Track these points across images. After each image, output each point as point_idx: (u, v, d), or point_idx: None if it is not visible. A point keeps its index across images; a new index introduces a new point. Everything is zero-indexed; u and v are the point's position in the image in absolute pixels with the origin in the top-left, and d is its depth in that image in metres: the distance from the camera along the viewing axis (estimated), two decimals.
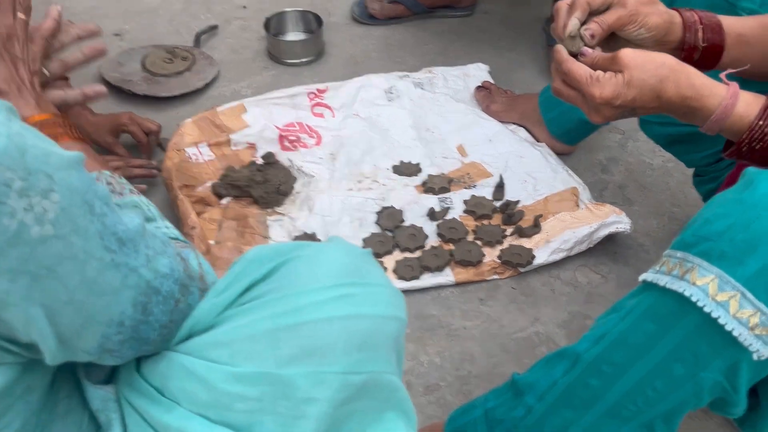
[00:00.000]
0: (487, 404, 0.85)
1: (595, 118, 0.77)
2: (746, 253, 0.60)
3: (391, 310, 0.61)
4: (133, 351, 0.57)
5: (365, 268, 0.62)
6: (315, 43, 1.74)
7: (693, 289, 0.62)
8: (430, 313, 1.19)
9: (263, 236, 1.27)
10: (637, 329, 0.69)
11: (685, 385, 0.67)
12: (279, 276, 0.59)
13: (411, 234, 1.27)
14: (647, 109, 0.74)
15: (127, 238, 0.52)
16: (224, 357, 0.56)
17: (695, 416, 1.03)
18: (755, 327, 0.60)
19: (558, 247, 1.24)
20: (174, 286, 0.57)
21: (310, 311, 0.56)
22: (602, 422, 0.74)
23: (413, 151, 1.45)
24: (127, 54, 1.70)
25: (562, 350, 0.78)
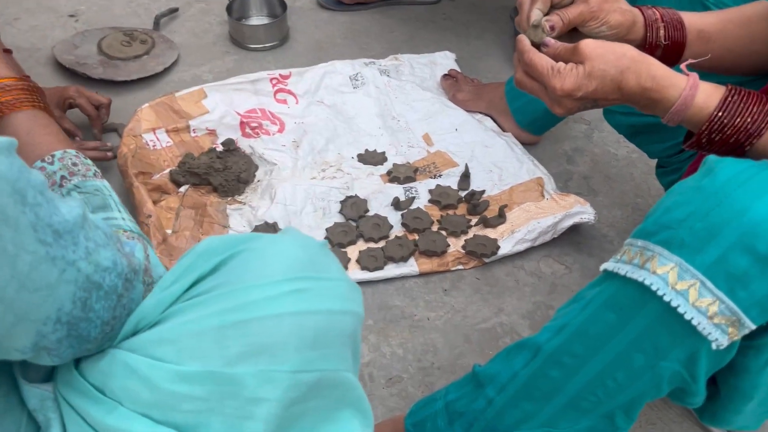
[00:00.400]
0: (448, 396, 0.84)
1: (557, 110, 0.75)
2: (705, 241, 0.59)
3: (347, 304, 0.59)
4: (73, 350, 0.53)
5: (320, 261, 0.59)
6: (279, 28, 1.70)
7: (653, 278, 0.61)
8: (393, 303, 1.17)
9: (222, 225, 1.24)
10: (598, 319, 0.68)
11: (644, 375, 0.67)
12: (228, 269, 0.56)
13: (375, 224, 1.25)
14: (609, 101, 0.74)
15: (64, 229, 0.49)
16: (169, 355, 0.53)
17: (655, 406, 1.04)
18: (714, 316, 0.59)
19: (522, 237, 1.23)
20: (117, 281, 0.54)
21: (259, 307, 0.54)
22: (562, 414, 0.73)
23: (379, 140, 1.43)
24: (83, 36, 1.64)
25: (523, 341, 0.78)
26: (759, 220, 0.57)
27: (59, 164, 0.68)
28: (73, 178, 0.67)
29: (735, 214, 0.58)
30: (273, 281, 0.55)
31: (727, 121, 0.67)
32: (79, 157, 0.70)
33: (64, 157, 0.68)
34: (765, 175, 0.60)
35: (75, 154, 0.69)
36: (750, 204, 0.58)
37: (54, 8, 1.79)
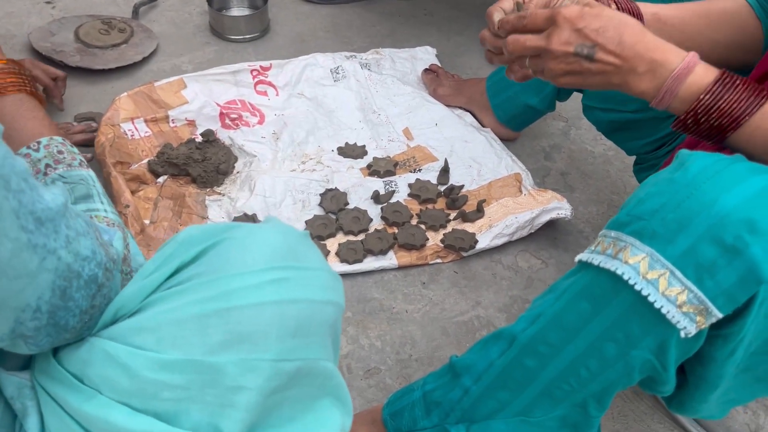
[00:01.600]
0: (426, 387, 0.84)
1: (548, 64, 0.74)
2: (676, 232, 0.60)
3: (328, 294, 0.59)
4: (51, 338, 0.53)
5: (301, 250, 0.59)
6: (260, 19, 1.69)
7: (625, 268, 0.62)
8: (372, 296, 1.18)
9: (201, 216, 1.23)
10: (572, 309, 0.69)
11: (616, 364, 0.68)
12: (209, 258, 0.56)
13: (355, 217, 1.25)
14: (604, 62, 0.72)
15: (46, 217, 0.49)
16: (149, 343, 0.53)
17: (627, 398, 1.06)
18: (683, 305, 0.60)
19: (500, 232, 1.25)
20: (97, 270, 0.54)
21: (240, 296, 0.54)
22: (536, 403, 0.74)
23: (359, 133, 1.43)
24: (59, 23, 1.61)
25: (499, 331, 0.78)
26: (726, 212, 0.58)
27: (45, 152, 0.67)
28: (59, 166, 0.67)
29: (704, 206, 0.59)
30: (254, 270, 0.55)
31: (716, 102, 0.69)
32: (65, 144, 0.69)
33: (50, 145, 0.68)
34: (734, 169, 0.61)
35: (61, 141, 0.68)
36: (718, 196, 0.59)
37: None
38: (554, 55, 0.73)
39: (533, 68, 0.78)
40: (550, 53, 0.73)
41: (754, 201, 0.58)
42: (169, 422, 0.52)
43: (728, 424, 1.04)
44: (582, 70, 0.74)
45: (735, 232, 0.58)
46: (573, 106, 1.49)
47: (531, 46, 0.75)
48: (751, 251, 0.57)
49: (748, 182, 0.59)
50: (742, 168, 0.61)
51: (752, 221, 0.57)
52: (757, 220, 0.57)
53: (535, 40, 0.75)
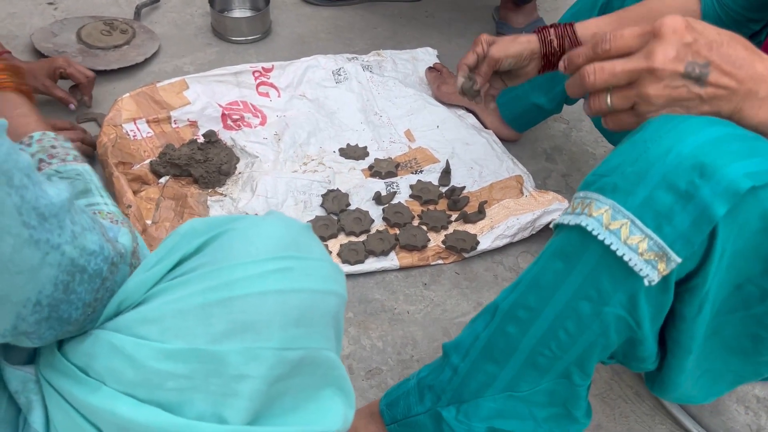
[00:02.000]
0: (420, 374, 0.85)
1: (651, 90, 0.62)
2: (635, 183, 0.62)
3: (330, 284, 0.59)
4: (54, 331, 0.53)
5: (303, 241, 0.59)
6: (262, 21, 1.69)
7: (589, 221, 0.64)
8: (373, 297, 1.18)
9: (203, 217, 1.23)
10: (547, 269, 0.71)
11: (592, 324, 0.69)
12: (211, 249, 0.56)
13: (356, 218, 1.25)
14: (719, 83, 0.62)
15: (50, 213, 0.48)
16: (153, 333, 0.53)
17: (628, 398, 1.06)
18: (644, 252, 0.62)
19: (502, 233, 1.25)
20: (102, 265, 0.53)
21: (243, 285, 0.54)
22: (522, 374, 0.75)
23: (360, 135, 1.44)
24: (61, 24, 1.62)
25: (485, 306, 0.80)
26: (680, 159, 0.60)
27: (37, 146, 0.67)
28: (53, 161, 0.66)
29: (660, 155, 0.61)
30: (256, 260, 0.55)
31: None
32: (58, 139, 0.68)
33: (42, 139, 0.67)
34: (689, 122, 0.62)
35: (53, 136, 0.68)
36: (674, 144, 0.60)
37: None
38: (659, 77, 0.61)
39: (619, 104, 0.65)
40: (654, 74, 0.61)
41: (704, 147, 0.59)
42: (173, 412, 0.52)
43: (729, 425, 1.04)
44: (689, 97, 0.62)
45: (687, 178, 0.59)
46: (574, 108, 1.50)
47: (625, 69, 0.62)
48: (701, 193, 0.58)
49: (702, 132, 0.60)
50: (697, 120, 0.62)
51: (702, 165, 0.58)
52: (707, 163, 0.58)
53: (629, 62, 0.62)
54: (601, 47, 0.63)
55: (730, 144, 0.60)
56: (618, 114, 0.66)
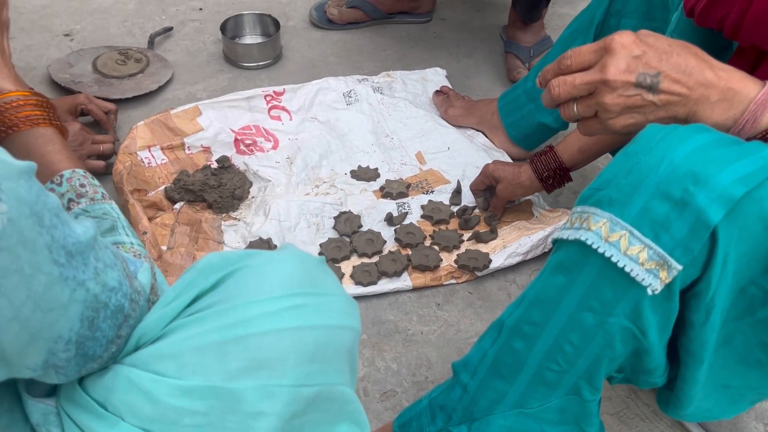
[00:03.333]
0: (432, 395, 0.86)
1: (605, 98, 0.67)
2: (630, 195, 0.63)
3: (345, 319, 0.60)
4: (79, 368, 0.54)
5: (318, 276, 0.61)
6: (272, 46, 1.72)
7: (588, 234, 0.65)
8: (387, 318, 1.18)
9: (217, 242, 1.25)
10: (549, 284, 0.71)
11: (596, 335, 0.69)
12: (227, 286, 0.57)
13: (369, 239, 1.26)
14: (671, 90, 0.66)
15: (76, 250, 0.50)
16: (171, 370, 0.54)
17: (646, 417, 1.05)
18: (645, 262, 0.63)
19: (514, 251, 1.25)
20: (123, 300, 0.55)
21: (258, 323, 0.55)
22: (531, 391, 0.75)
23: (371, 156, 1.45)
24: (78, 55, 1.65)
25: (491, 323, 0.80)
26: (672, 168, 0.61)
27: (67, 185, 0.69)
28: (81, 200, 0.68)
29: (653, 166, 0.62)
30: (272, 297, 0.56)
31: None
32: (87, 177, 0.70)
33: (72, 178, 0.69)
34: (678, 131, 0.63)
35: (83, 174, 0.70)
36: (665, 154, 0.62)
37: (49, 27, 1.81)
38: (612, 87, 0.66)
39: (584, 112, 0.70)
40: (608, 85, 0.66)
41: (694, 155, 0.61)
42: None
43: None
44: (644, 104, 0.67)
45: (681, 186, 0.61)
46: None
47: (583, 82, 0.68)
48: (696, 200, 0.60)
49: (690, 140, 0.62)
50: (685, 130, 0.64)
51: (695, 173, 0.60)
52: (699, 171, 0.60)
53: (586, 75, 0.68)
54: (564, 63, 0.69)
55: (718, 149, 0.62)
56: (586, 121, 0.72)
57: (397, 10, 1.86)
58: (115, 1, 1.92)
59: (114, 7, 1.90)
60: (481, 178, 1.29)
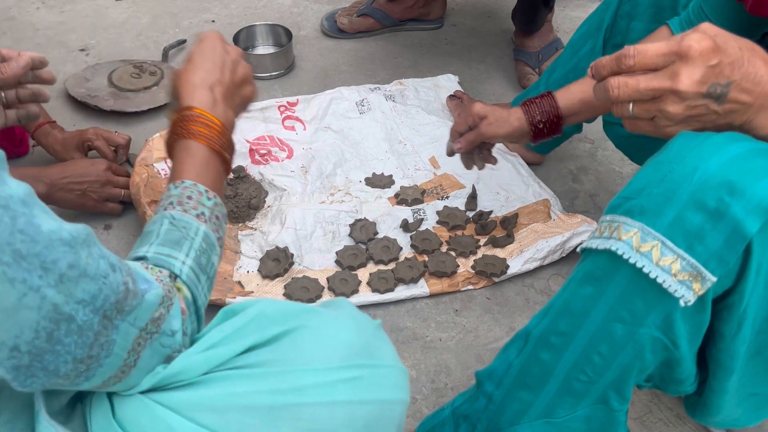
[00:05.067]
0: (454, 404, 0.86)
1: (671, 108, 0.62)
2: (662, 205, 0.62)
3: (398, 393, 0.60)
4: (40, 381, 0.50)
5: (375, 345, 0.60)
6: (285, 56, 1.73)
7: (619, 244, 0.64)
8: (405, 325, 1.18)
9: (234, 251, 1.25)
10: (577, 295, 0.70)
11: (626, 345, 0.68)
12: (282, 345, 0.57)
13: (385, 246, 1.26)
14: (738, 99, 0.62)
15: (28, 252, 0.45)
16: (214, 424, 0.53)
17: (669, 422, 1.04)
18: (677, 273, 0.62)
19: (531, 256, 1.24)
20: (92, 316, 0.50)
21: (313, 393, 0.54)
22: (558, 401, 0.74)
23: (385, 164, 1.45)
24: (93, 69, 1.67)
25: (516, 333, 0.79)
26: (707, 178, 0.60)
27: (179, 191, 0.67)
28: (178, 207, 0.66)
29: (686, 175, 0.61)
30: (329, 367, 0.55)
31: None
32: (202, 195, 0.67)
33: (188, 187, 0.67)
34: (712, 140, 0.62)
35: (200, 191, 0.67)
36: (699, 164, 0.61)
37: (65, 43, 1.83)
38: (683, 98, 0.61)
39: (641, 114, 0.65)
40: (678, 95, 0.61)
41: (730, 165, 0.60)
42: None
43: None
44: (707, 113, 0.63)
45: (716, 196, 0.59)
46: (598, 127, 1.49)
47: (649, 87, 0.62)
48: (732, 211, 0.59)
49: (725, 150, 0.61)
50: (719, 138, 0.62)
51: (731, 183, 0.59)
52: (735, 181, 0.59)
53: (654, 80, 0.62)
54: (625, 63, 0.63)
55: (754, 160, 0.60)
56: (637, 120, 0.67)
57: (407, 17, 1.86)
58: (130, 16, 1.94)
59: (128, 22, 1.92)
60: (464, 117, 1.15)
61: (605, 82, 0.65)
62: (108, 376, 0.53)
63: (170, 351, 0.57)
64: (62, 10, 1.96)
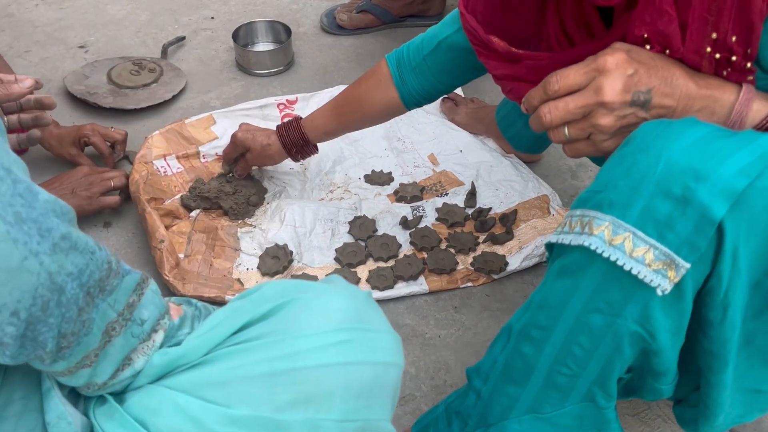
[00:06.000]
0: (448, 400, 0.86)
1: (602, 121, 0.66)
2: (630, 196, 0.62)
3: (391, 356, 0.61)
4: (27, 352, 0.50)
5: (366, 312, 0.61)
6: (284, 53, 1.73)
7: (591, 239, 0.64)
8: (404, 322, 1.18)
9: (234, 248, 1.25)
10: (554, 289, 0.71)
11: (605, 337, 0.68)
12: (277, 318, 0.58)
13: (384, 243, 1.26)
14: (662, 104, 0.66)
15: (27, 216, 0.47)
16: (219, 398, 0.54)
17: (668, 418, 1.04)
18: (651, 263, 0.62)
19: (530, 253, 1.25)
20: (78, 291, 0.51)
21: (308, 357, 0.55)
22: (544, 395, 0.74)
23: (384, 161, 1.45)
24: (92, 66, 1.67)
25: (501, 329, 0.80)
26: (671, 165, 0.60)
27: None
28: None
29: (650, 164, 0.61)
30: (321, 332, 0.57)
31: None
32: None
33: None
34: (676, 126, 0.62)
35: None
36: (662, 152, 0.61)
37: (64, 40, 1.83)
38: (610, 108, 0.66)
39: (576, 135, 0.69)
40: (605, 107, 0.66)
41: (693, 150, 0.60)
42: None
43: None
44: (637, 122, 0.67)
45: (681, 183, 0.60)
46: None
47: (578, 105, 0.66)
48: (698, 197, 0.59)
49: (686, 134, 0.61)
50: (680, 124, 0.63)
51: (694, 169, 0.59)
52: (699, 166, 0.59)
53: (580, 98, 0.66)
54: (551, 89, 0.68)
55: (715, 142, 0.61)
56: (575, 143, 0.70)
57: (407, 13, 1.86)
58: (128, 13, 1.94)
59: (127, 19, 1.92)
60: (231, 146, 1.29)
61: (537, 111, 0.69)
62: (82, 356, 0.54)
63: (137, 342, 0.57)
64: (61, 7, 1.96)
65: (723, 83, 0.68)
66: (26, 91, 0.83)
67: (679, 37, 0.68)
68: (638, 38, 0.70)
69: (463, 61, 1.07)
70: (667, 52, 0.69)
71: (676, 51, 0.68)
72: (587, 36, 0.81)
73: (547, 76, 0.68)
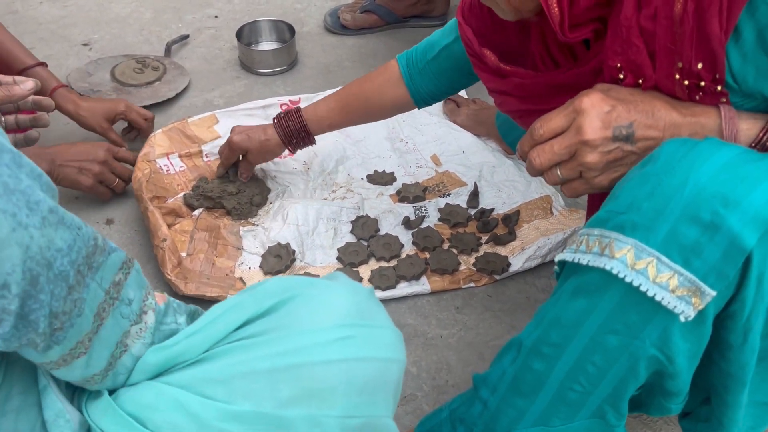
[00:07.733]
0: (452, 405, 0.85)
1: (589, 158, 0.68)
2: (654, 219, 0.61)
3: (392, 352, 0.61)
4: (19, 334, 0.49)
5: (368, 308, 0.61)
6: (288, 52, 1.73)
7: (613, 263, 0.63)
8: (406, 322, 1.18)
9: (236, 247, 1.25)
10: (569, 307, 0.69)
11: (620, 357, 0.67)
12: (279, 314, 0.58)
13: (386, 243, 1.26)
14: (647, 136, 0.67)
15: (15, 188, 0.46)
16: (220, 394, 0.54)
17: (671, 420, 1.04)
18: (675, 289, 0.61)
19: (533, 254, 1.24)
20: (69, 268, 0.50)
21: (310, 353, 0.55)
22: (553, 409, 0.73)
23: (387, 161, 1.45)
24: (96, 64, 1.67)
25: (509, 341, 0.79)
26: (699, 189, 0.59)
27: None
28: None
29: (677, 187, 0.60)
30: (323, 328, 0.57)
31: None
32: None
33: None
34: (699, 148, 0.61)
35: None
36: (689, 175, 0.60)
37: (68, 37, 1.83)
38: (592, 146, 0.68)
39: (568, 175, 0.71)
40: (588, 145, 0.68)
41: (721, 174, 0.59)
42: None
43: None
44: (624, 156, 0.68)
45: (710, 208, 0.58)
46: None
47: (562, 147, 0.69)
48: (728, 224, 0.58)
49: (714, 158, 0.60)
50: (706, 145, 0.62)
51: (724, 194, 0.58)
52: (728, 192, 0.58)
53: (564, 139, 0.69)
54: (537, 134, 0.71)
55: (744, 166, 0.60)
56: (570, 183, 0.72)
57: (411, 13, 1.86)
58: (132, 11, 1.94)
59: (131, 16, 1.92)
60: (228, 152, 1.27)
61: (528, 157, 0.72)
62: (76, 341, 0.53)
63: (128, 324, 0.57)
64: (65, 5, 1.96)
65: (705, 108, 0.68)
66: (27, 93, 0.83)
67: (650, 66, 0.69)
68: (612, 68, 0.71)
69: (462, 68, 1.10)
70: (641, 81, 0.69)
71: (649, 79, 0.69)
72: (571, 58, 0.82)
73: (531, 123, 0.71)
